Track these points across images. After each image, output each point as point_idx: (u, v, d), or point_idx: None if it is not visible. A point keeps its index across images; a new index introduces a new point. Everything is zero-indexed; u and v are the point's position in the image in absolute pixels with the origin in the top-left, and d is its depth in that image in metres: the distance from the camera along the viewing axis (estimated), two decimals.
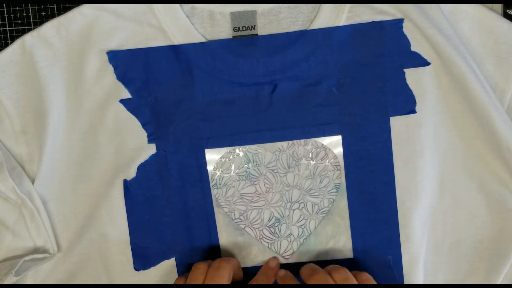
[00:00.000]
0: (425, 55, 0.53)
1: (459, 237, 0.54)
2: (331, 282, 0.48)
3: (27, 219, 0.53)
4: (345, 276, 0.48)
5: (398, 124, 0.53)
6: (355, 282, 0.49)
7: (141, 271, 0.55)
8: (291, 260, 0.55)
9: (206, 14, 0.54)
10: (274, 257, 0.55)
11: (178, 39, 0.53)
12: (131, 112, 0.54)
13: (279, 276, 0.53)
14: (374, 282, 0.50)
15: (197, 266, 0.50)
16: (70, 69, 0.54)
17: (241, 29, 0.53)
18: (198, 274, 0.50)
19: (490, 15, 0.53)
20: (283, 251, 0.55)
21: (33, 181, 0.54)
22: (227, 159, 0.54)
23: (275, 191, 0.55)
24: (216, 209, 0.55)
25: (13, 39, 0.56)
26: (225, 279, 0.49)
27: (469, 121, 0.53)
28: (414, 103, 0.53)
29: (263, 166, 0.54)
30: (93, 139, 0.54)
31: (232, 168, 0.55)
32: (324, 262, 0.54)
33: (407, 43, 0.53)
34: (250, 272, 0.55)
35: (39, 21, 0.56)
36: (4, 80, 0.53)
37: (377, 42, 0.53)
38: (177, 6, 0.53)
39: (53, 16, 0.56)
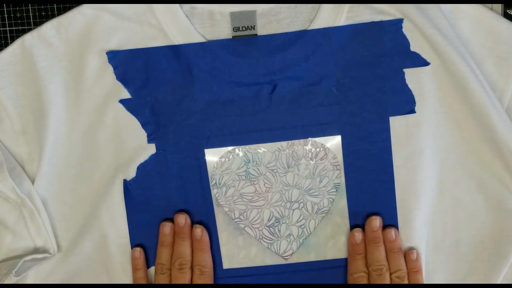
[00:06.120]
0: (424, 55, 0.53)
1: (459, 237, 0.54)
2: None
3: (27, 219, 0.53)
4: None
5: (397, 124, 0.53)
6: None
7: None
8: (291, 260, 0.55)
9: (206, 14, 0.54)
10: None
11: (178, 39, 0.53)
12: (130, 112, 0.54)
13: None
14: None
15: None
16: (70, 69, 0.54)
17: (240, 29, 0.53)
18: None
19: (490, 15, 0.53)
20: (282, 251, 0.55)
21: (33, 181, 0.54)
22: (227, 159, 0.54)
23: (274, 190, 0.55)
24: (216, 209, 0.55)
25: (13, 39, 0.56)
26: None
27: (468, 121, 0.53)
28: (414, 103, 0.53)
29: (262, 166, 0.54)
30: (93, 139, 0.54)
31: (232, 167, 0.55)
32: (324, 262, 0.55)
33: (406, 43, 0.53)
34: (250, 272, 0.55)
35: (39, 21, 0.56)
36: (4, 80, 0.53)
37: (377, 42, 0.53)
38: (177, 6, 0.53)
39: (53, 16, 0.56)
